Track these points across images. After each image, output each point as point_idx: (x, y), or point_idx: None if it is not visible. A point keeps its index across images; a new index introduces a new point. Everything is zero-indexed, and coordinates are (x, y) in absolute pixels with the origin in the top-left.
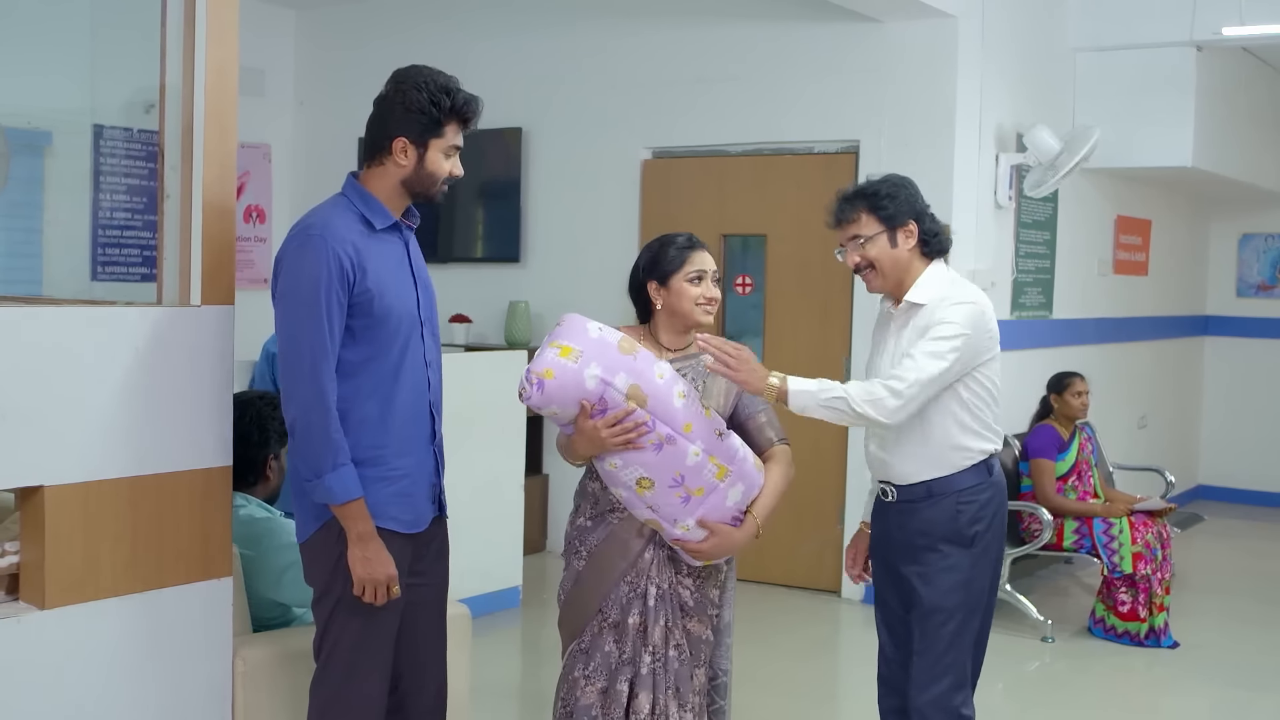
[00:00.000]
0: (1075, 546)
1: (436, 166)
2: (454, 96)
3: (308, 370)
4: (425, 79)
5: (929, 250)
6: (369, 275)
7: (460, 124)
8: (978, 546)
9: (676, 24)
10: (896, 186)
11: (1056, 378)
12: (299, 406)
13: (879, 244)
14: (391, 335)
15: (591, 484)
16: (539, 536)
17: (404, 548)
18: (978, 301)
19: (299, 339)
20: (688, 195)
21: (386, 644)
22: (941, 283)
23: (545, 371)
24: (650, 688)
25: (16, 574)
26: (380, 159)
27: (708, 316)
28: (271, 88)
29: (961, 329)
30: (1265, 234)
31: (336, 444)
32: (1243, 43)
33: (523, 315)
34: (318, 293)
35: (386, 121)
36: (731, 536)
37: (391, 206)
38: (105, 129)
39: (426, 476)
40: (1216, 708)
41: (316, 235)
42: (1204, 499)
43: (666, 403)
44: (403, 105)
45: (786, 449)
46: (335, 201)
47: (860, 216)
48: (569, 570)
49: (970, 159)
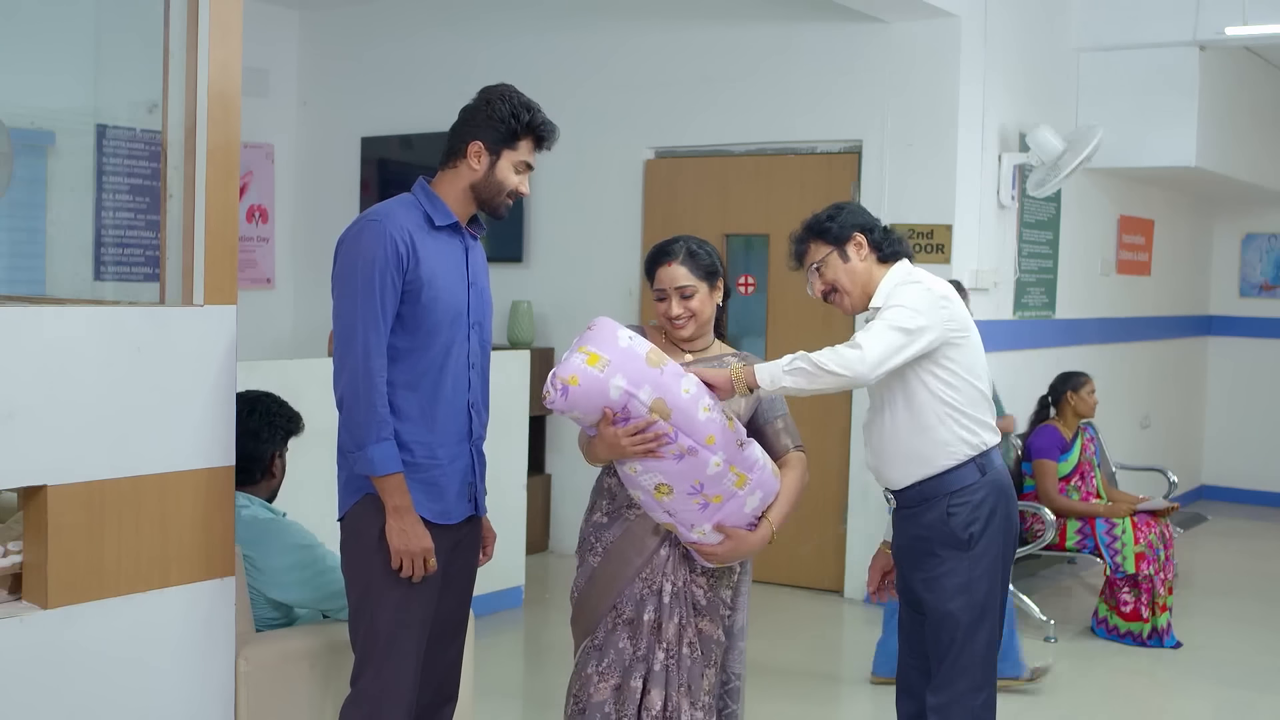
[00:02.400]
0: (1078, 547)
1: (505, 176)
2: (534, 115)
3: (360, 345)
4: (511, 94)
5: (885, 256)
6: (422, 264)
7: (535, 142)
8: (976, 549)
9: (679, 24)
10: (836, 209)
11: (1069, 376)
12: (349, 379)
13: (832, 263)
14: (436, 328)
15: (609, 480)
16: (542, 536)
17: (438, 538)
18: (923, 282)
19: (353, 314)
20: (690, 195)
21: (419, 630)
22: (896, 277)
23: (571, 378)
24: (663, 685)
25: (19, 574)
26: (454, 161)
27: (682, 332)
28: (275, 88)
29: (910, 304)
30: (1268, 234)
31: (382, 418)
32: (1246, 42)
33: (525, 315)
34: (372, 272)
35: (468, 126)
36: (747, 541)
37: (457, 210)
38: (108, 129)
39: (460, 474)
40: (1219, 708)
41: (376, 221)
42: (1207, 499)
43: (691, 416)
44: (486, 113)
45: (803, 455)
46: (401, 198)
47: (810, 246)
48: (583, 567)
49: (973, 159)
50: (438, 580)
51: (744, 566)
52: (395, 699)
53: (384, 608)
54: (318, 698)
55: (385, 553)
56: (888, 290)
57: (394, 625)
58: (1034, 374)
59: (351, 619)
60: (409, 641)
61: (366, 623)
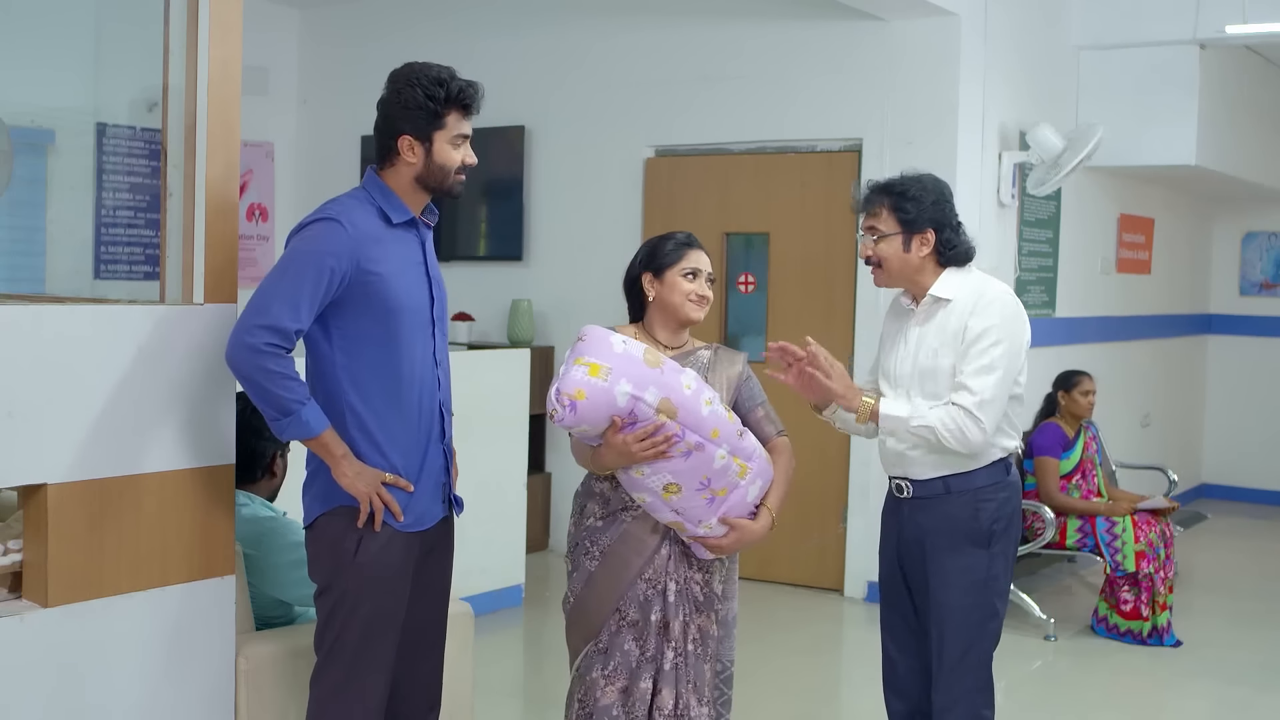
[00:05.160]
0: (1078, 545)
1: (446, 158)
2: (448, 86)
3: (271, 317)
4: (418, 74)
5: (945, 260)
6: (382, 269)
7: (461, 111)
8: (995, 546)
9: (679, 22)
10: (925, 190)
11: (1065, 376)
12: (248, 349)
13: (892, 245)
14: (401, 332)
15: (599, 484)
16: (541, 535)
17: (410, 544)
18: (1013, 307)
19: (275, 289)
20: (690, 193)
21: (390, 638)
22: (971, 282)
23: (577, 393)
24: (674, 683)
25: (19, 572)
26: (391, 160)
27: (698, 313)
28: (275, 86)
29: (1017, 345)
30: (1268, 232)
31: (298, 378)
32: (1246, 41)
33: (525, 313)
34: (311, 266)
35: (389, 122)
36: (751, 530)
37: (409, 203)
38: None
39: (435, 475)
40: (1219, 706)
41: (336, 220)
42: (1207, 497)
43: (695, 412)
44: (400, 104)
45: (787, 440)
46: (355, 194)
47: (881, 211)
48: (579, 572)
49: (973, 157)
50: (408, 588)
51: (732, 557)
52: (364, 710)
53: (355, 617)
54: None
55: (358, 563)
56: (961, 292)
57: (365, 635)
58: (1034, 373)
59: (320, 626)
60: (380, 651)
61: (336, 631)
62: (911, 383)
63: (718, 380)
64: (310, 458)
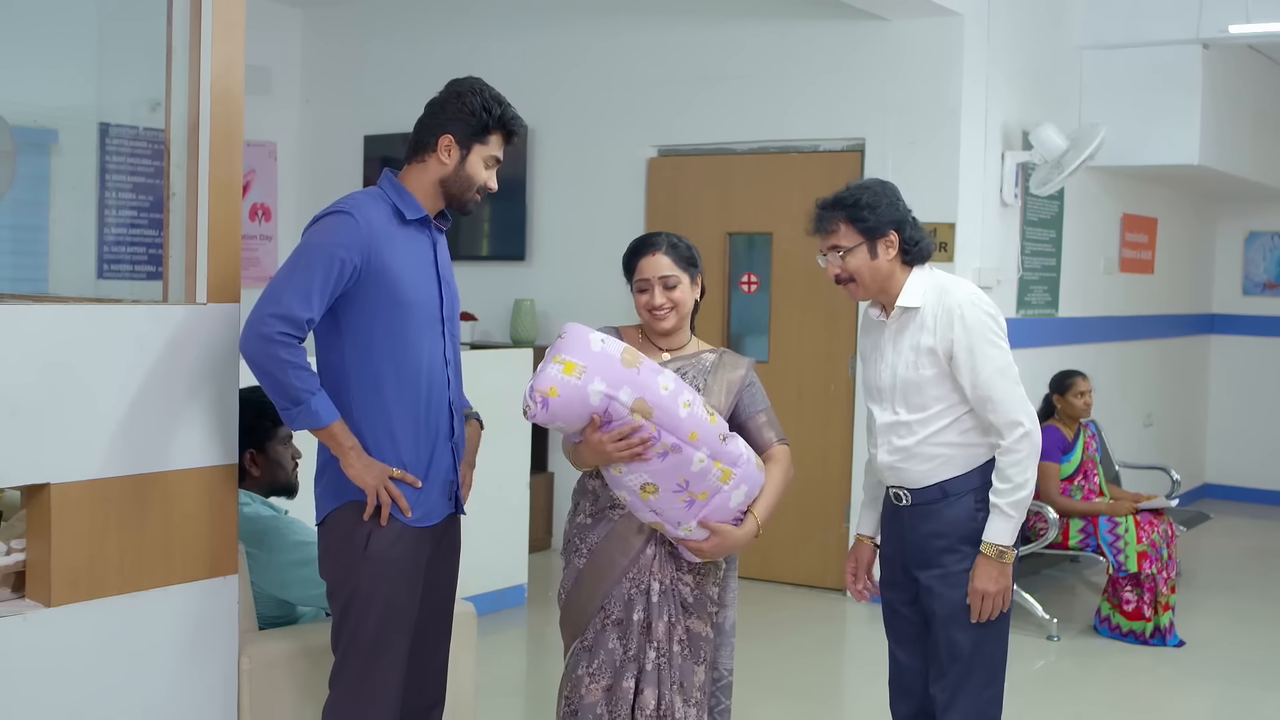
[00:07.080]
0: (1080, 545)
1: (475, 171)
2: (505, 109)
3: (284, 305)
4: (481, 87)
5: (909, 259)
6: (392, 264)
7: (505, 137)
8: None
9: (682, 22)
10: (877, 195)
11: (1058, 377)
12: (262, 337)
13: (859, 256)
14: (410, 328)
15: (591, 481)
16: (544, 534)
17: (420, 539)
18: (983, 305)
19: (288, 280)
20: (693, 193)
21: (404, 633)
22: (931, 282)
23: (549, 389)
24: (655, 683)
25: (23, 571)
26: (423, 155)
27: (663, 324)
28: (278, 86)
29: (1004, 344)
30: (1271, 232)
31: (309, 368)
32: (1249, 40)
33: (528, 313)
34: (321, 257)
35: (436, 119)
36: (732, 536)
37: (425, 204)
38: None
39: (443, 473)
40: (1222, 706)
41: (349, 214)
42: (1210, 497)
43: (672, 414)
44: (456, 106)
45: (786, 449)
46: (370, 191)
47: (839, 227)
48: (569, 569)
49: (976, 157)
50: (420, 583)
51: (730, 563)
52: (382, 705)
53: (370, 612)
54: (320, 696)
55: (370, 558)
56: (926, 298)
57: (380, 630)
58: (1036, 373)
59: (335, 624)
60: (396, 646)
61: (351, 627)
62: (895, 395)
63: (718, 384)
64: (320, 450)
